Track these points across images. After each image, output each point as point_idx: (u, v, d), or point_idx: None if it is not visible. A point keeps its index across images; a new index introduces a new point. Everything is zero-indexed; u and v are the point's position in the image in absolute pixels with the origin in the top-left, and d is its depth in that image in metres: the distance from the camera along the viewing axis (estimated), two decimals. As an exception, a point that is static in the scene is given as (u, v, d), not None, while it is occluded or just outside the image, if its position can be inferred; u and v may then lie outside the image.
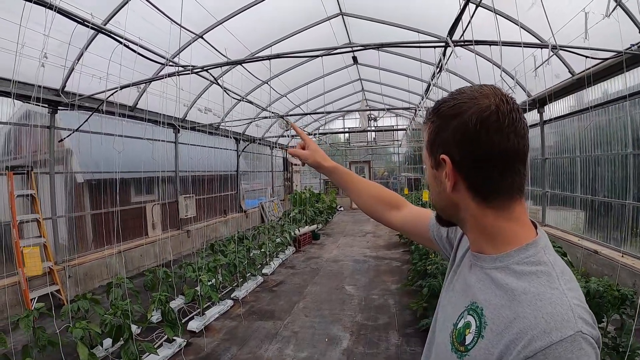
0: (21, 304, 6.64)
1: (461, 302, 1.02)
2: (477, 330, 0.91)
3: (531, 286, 0.86)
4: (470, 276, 1.03)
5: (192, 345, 5.69)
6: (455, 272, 1.16)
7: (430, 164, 1.05)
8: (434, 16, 8.35)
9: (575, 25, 5.83)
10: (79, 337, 4.29)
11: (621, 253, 6.61)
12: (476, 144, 0.92)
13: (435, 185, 1.06)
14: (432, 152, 1.04)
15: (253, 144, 17.39)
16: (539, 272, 0.89)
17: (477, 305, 0.95)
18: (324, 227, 16.48)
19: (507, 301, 0.87)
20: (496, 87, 0.98)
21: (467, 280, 1.04)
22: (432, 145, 1.03)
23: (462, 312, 1.00)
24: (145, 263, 10.06)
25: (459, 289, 1.07)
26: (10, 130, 7.27)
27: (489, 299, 0.93)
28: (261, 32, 9.42)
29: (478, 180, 0.97)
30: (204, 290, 6.25)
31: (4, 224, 6.89)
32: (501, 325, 0.86)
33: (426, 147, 1.06)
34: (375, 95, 18.13)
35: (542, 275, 0.88)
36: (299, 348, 5.52)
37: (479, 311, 0.93)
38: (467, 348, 0.93)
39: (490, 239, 0.99)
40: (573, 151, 8.52)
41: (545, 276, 0.88)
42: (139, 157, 10.07)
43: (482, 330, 0.90)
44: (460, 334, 0.96)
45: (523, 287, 0.87)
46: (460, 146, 0.95)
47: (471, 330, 0.93)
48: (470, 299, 0.99)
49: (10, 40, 5.54)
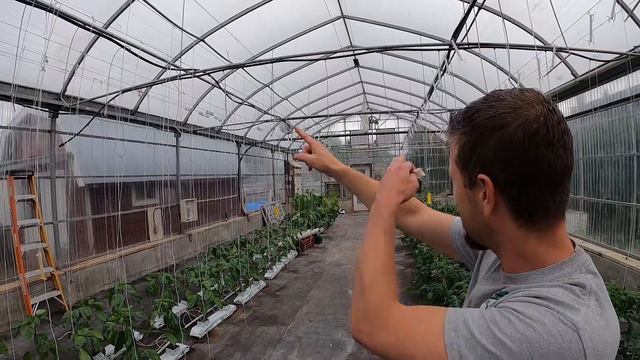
0: (22, 309, 6.60)
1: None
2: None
3: (539, 315, 0.76)
4: (494, 289, 0.96)
5: (195, 352, 5.63)
6: (481, 284, 1.08)
7: (463, 182, 0.92)
8: (435, 19, 8.34)
9: (577, 27, 5.80)
10: (81, 344, 4.25)
11: (625, 255, 6.57)
12: (524, 162, 0.81)
13: (469, 207, 0.93)
14: (465, 170, 0.91)
15: (254, 147, 17.37)
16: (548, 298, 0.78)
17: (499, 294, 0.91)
18: (326, 230, 16.42)
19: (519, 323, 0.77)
20: (537, 91, 0.86)
21: (488, 294, 0.98)
22: (465, 162, 0.90)
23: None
24: (147, 267, 10.02)
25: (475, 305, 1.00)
26: (11, 135, 7.23)
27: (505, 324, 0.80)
28: (262, 35, 9.39)
29: (523, 202, 0.85)
30: (206, 295, 6.19)
31: (5, 229, 6.84)
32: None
33: (455, 162, 0.93)
34: (377, 98, 18.08)
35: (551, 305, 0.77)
36: (304, 354, 5.46)
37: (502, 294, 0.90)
38: None
39: (530, 263, 0.88)
40: (576, 153, 8.46)
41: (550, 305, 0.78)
42: (140, 161, 10.03)
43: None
44: None
45: (531, 312, 0.77)
46: (505, 165, 0.83)
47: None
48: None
49: (11, 44, 5.51)
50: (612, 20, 4.93)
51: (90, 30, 5.38)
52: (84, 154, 8.64)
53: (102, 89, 7.33)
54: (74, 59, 7.00)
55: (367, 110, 18.55)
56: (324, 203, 19.29)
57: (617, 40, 5.60)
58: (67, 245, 8.22)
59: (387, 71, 12.81)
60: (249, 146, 16.72)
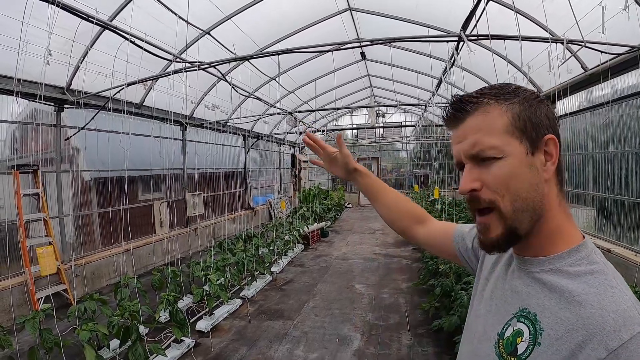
0: (28, 303, 6.61)
1: (506, 309, 0.95)
2: (532, 337, 0.84)
3: (590, 287, 0.81)
4: (515, 282, 0.96)
5: (201, 346, 5.61)
6: (487, 279, 1.09)
7: (525, 151, 0.89)
8: (443, 11, 8.25)
9: (587, 20, 5.70)
10: (85, 339, 4.22)
11: (635, 252, 6.47)
12: (558, 131, 0.93)
13: (530, 176, 0.89)
14: (524, 136, 0.89)
15: (261, 140, 17.34)
16: (594, 271, 0.84)
17: (528, 311, 0.88)
18: (333, 224, 16.37)
19: (566, 304, 0.82)
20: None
21: (511, 287, 0.97)
22: (522, 129, 0.89)
23: (509, 320, 0.92)
24: (153, 261, 10.03)
25: (501, 296, 0.99)
26: (17, 129, 7.21)
27: (543, 304, 0.86)
28: (269, 27, 9.32)
29: (560, 168, 0.93)
30: (212, 289, 6.17)
31: (11, 224, 6.84)
32: (561, 330, 0.79)
33: (509, 133, 0.89)
34: (384, 92, 17.98)
35: (599, 275, 0.83)
36: (310, 349, 5.42)
37: (532, 317, 0.87)
38: (520, 358, 0.85)
39: (551, 239, 0.91)
40: (585, 148, 8.35)
41: (602, 275, 0.83)
42: (146, 154, 10.01)
43: (538, 337, 0.83)
44: (509, 343, 0.89)
45: (582, 288, 0.82)
46: (554, 128, 0.92)
47: (524, 338, 0.86)
48: (518, 306, 0.92)
49: (14, 38, 5.48)
50: (626, 12, 4.83)
51: (94, 23, 5.34)
52: (89, 147, 8.62)
53: (107, 82, 7.30)
54: (79, 52, 6.97)
55: (374, 104, 18.46)
56: (331, 197, 19.23)
57: (628, 33, 5.50)
58: (73, 239, 8.22)
59: (395, 64, 12.70)
60: (255, 139, 16.69)
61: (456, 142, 0.95)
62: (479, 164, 0.91)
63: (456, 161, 0.96)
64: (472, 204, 0.93)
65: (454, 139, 0.96)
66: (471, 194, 0.91)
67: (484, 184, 0.90)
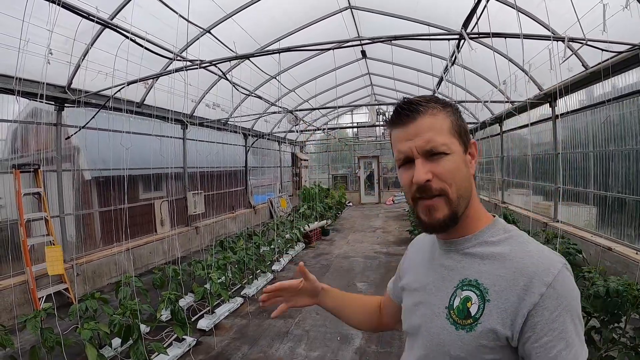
0: (30, 302, 6.62)
1: (446, 285, 1.13)
2: (480, 297, 1.03)
3: (513, 246, 1.07)
4: (446, 262, 1.16)
5: (202, 345, 5.62)
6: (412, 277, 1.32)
7: (462, 150, 1.11)
8: (443, 9, 8.24)
9: (589, 18, 5.68)
10: (87, 338, 4.23)
11: (636, 250, 6.46)
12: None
13: (465, 171, 1.10)
14: (461, 139, 1.11)
15: (261, 139, 17.35)
16: (512, 235, 1.10)
17: (469, 280, 1.08)
18: (334, 222, 16.36)
19: (499, 263, 1.04)
20: None
21: (444, 266, 1.16)
22: (459, 133, 1.10)
23: (453, 293, 1.10)
24: (154, 260, 10.03)
25: (436, 278, 1.18)
26: (17, 128, 7.21)
27: (480, 270, 1.07)
28: (269, 26, 9.31)
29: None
30: (214, 288, 6.17)
31: (12, 223, 6.84)
32: (503, 283, 1.01)
33: (452, 134, 1.09)
34: (384, 90, 17.96)
35: (516, 237, 1.10)
36: (311, 347, 5.43)
37: (474, 283, 1.06)
38: (475, 318, 1.03)
39: (473, 221, 1.14)
40: (586, 146, 8.33)
41: (519, 237, 1.10)
42: (147, 153, 10.01)
43: (486, 295, 1.02)
44: (461, 310, 1.06)
45: (508, 249, 1.06)
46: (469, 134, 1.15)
47: (473, 301, 1.04)
48: (457, 279, 1.11)
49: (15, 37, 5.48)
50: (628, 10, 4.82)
51: (94, 22, 5.32)
52: (90, 146, 8.62)
53: (107, 81, 7.30)
54: (79, 51, 6.97)
55: (374, 102, 18.44)
56: (332, 195, 19.21)
57: (629, 31, 5.49)
58: (74, 238, 8.23)
59: (395, 62, 12.70)
60: (256, 138, 16.70)
61: (406, 139, 1.08)
62: (429, 159, 1.06)
63: (404, 156, 1.10)
64: (423, 193, 1.07)
65: (403, 137, 1.09)
66: (425, 183, 1.05)
67: (435, 175, 1.05)
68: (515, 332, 0.97)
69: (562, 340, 0.93)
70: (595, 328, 3.92)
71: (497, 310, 0.99)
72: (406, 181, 1.11)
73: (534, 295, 0.95)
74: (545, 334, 0.94)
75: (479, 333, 1.01)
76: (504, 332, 0.98)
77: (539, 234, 7.25)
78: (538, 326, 0.94)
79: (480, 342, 1.01)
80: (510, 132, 13.58)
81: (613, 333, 3.71)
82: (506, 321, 0.98)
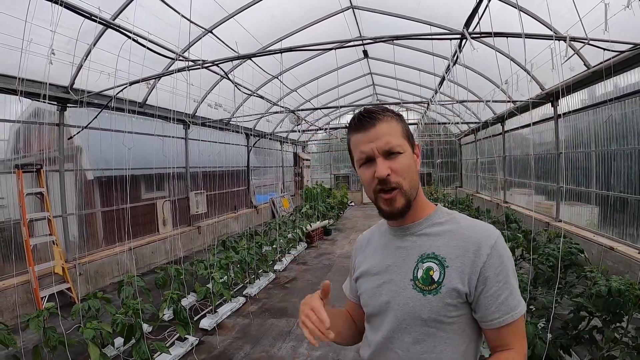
0: (33, 302, 6.64)
1: (407, 262, 1.35)
2: (440, 266, 1.28)
3: (458, 222, 1.36)
4: (403, 244, 1.39)
5: (205, 344, 5.63)
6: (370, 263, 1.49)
7: (411, 150, 1.35)
8: (445, 8, 8.24)
9: (591, 17, 5.68)
10: (90, 337, 4.24)
11: (638, 250, 6.44)
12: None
13: (415, 167, 1.35)
14: (409, 141, 1.35)
15: (263, 139, 17.38)
16: (454, 216, 1.40)
17: (427, 254, 1.32)
18: (336, 222, 16.40)
19: (451, 236, 1.32)
20: None
21: (403, 247, 1.39)
22: (407, 136, 1.35)
23: (415, 267, 1.33)
24: (156, 260, 10.05)
25: (397, 259, 1.39)
26: (19, 128, 7.22)
27: (435, 244, 1.33)
28: (271, 26, 9.32)
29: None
30: (216, 287, 6.18)
31: (14, 223, 6.86)
32: (458, 251, 1.28)
33: (404, 137, 1.34)
34: (386, 90, 17.98)
35: (458, 216, 1.39)
36: (313, 347, 5.42)
37: (432, 255, 1.31)
38: (438, 282, 1.26)
39: (421, 209, 1.40)
40: (588, 145, 8.32)
41: (459, 216, 1.40)
42: (149, 153, 10.04)
43: (444, 263, 1.27)
44: (425, 279, 1.29)
45: (455, 226, 1.35)
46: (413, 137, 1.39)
47: (435, 269, 1.28)
48: (416, 255, 1.34)
49: (17, 38, 5.49)
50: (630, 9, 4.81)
51: (97, 22, 5.34)
52: (92, 146, 8.64)
53: (110, 81, 7.32)
54: (82, 51, 6.98)
55: (376, 102, 18.43)
56: (333, 195, 19.22)
57: (631, 30, 5.48)
58: (76, 238, 8.25)
59: (397, 62, 12.71)
60: (258, 138, 16.73)
61: (368, 141, 1.29)
62: (387, 157, 1.28)
63: (365, 156, 1.30)
64: (384, 185, 1.28)
65: (365, 140, 1.30)
66: (386, 177, 1.26)
67: (393, 171, 1.28)
68: (472, 287, 1.24)
69: (507, 289, 1.24)
70: (597, 328, 3.92)
71: (456, 272, 1.25)
72: (368, 177, 1.31)
73: (483, 256, 1.24)
74: (493, 285, 1.23)
75: (443, 294, 1.25)
76: (464, 289, 1.24)
77: (541, 233, 7.24)
78: (488, 280, 1.23)
79: (445, 301, 1.24)
80: (512, 132, 13.57)
81: (615, 332, 3.70)
82: (464, 280, 1.24)
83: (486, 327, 1.26)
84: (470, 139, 19.77)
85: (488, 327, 1.26)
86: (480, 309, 1.25)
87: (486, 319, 1.25)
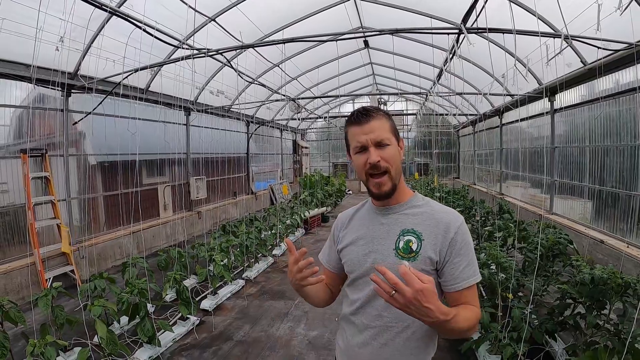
0: (38, 283, 6.79)
1: (390, 235, 1.65)
2: (418, 239, 1.59)
3: (432, 207, 1.69)
4: (387, 220, 1.70)
5: (205, 324, 5.82)
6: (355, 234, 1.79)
7: (397, 144, 1.65)
8: (446, 2, 8.29)
9: (587, 15, 5.80)
10: (97, 314, 4.40)
11: (627, 244, 6.62)
12: None
13: (399, 156, 1.64)
14: (395, 135, 1.65)
15: (263, 126, 17.47)
16: (428, 201, 1.73)
17: (407, 229, 1.63)
18: (333, 209, 16.57)
19: (427, 217, 1.64)
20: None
21: (387, 223, 1.69)
22: (395, 132, 1.66)
23: (397, 238, 1.62)
24: (157, 244, 10.23)
25: (382, 232, 1.69)
26: (23, 114, 7.31)
27: (414, 222, 1.64)
28: (274, 15, 9.38)
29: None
30: (217, 269, 6.37)
31: (18, 207, 7.02)
32: (431, 230, 1.59)
33: (392, 133, 1.63)
34: (386, 80, 18.00)
35: (432, 202, 1.72)
36: (310, 327, 5.64)
37: (412, 230, 1.62)
38: (416, 252, 1.57)
39: (402, 193, 1.71)
40: (582, 141, 8.47)
41: (433, 202, 1.73)
42: (151, 139, 10.17)
43: (421, 237, 1.59)
44: (405, 248, 1.59)
45: (429, 209, 1.67)
46: (398, 133, 1.70)
47: (413, 242, 1.59)
48: (399, 230, 1.64)
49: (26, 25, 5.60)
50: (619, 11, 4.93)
51: (105, 10, 5.45)
52: (96, 132, 8.72)
53: (114, 68, 7.42)
54: (87, 38, 7.07)
55: (376, 92, 18.52)
56: (332, 183, 19.33)
57: (627, 30, 5.59)
58: (80, 221, 8.40)
59: (397, 53, 12.79)
60: (258, 125, 16.83)
61: (363, 133, 1.59)
62: (378, 147, 1.58)
63: (360, 145, 1.60)
64: (374, 170, 1.58)
65: (360, 132, 1.60)
66: (377, 163, 1.56)
67: (382, 158, 1.57)
68: (442, 257, 1.56)
69: (466, 261, 1.56)
70: (581, 314, 4.09)
71: (430, 245, 1.57)
72: (361, 162, 1.61)
73: (451, 233, 1.57)
74: (456, 256, 1.56)
75: (419, 261, 1.56)
76: (436, 257, 1.55)
77: (532, 224, 7.41)
78: (453, 252, 1.56)
79: (421, 267, 1.54)
80: (509, 125, 13.70)
81: (597, 319, 3.86)
82: (436, 250, 1.56)
83: (448, 290, 1.58)
84: (468, 131, 19.89)
85: (450, 290, 1.57)
86: (445, 275, 1.57)
87: (450, 283, 1.56)
